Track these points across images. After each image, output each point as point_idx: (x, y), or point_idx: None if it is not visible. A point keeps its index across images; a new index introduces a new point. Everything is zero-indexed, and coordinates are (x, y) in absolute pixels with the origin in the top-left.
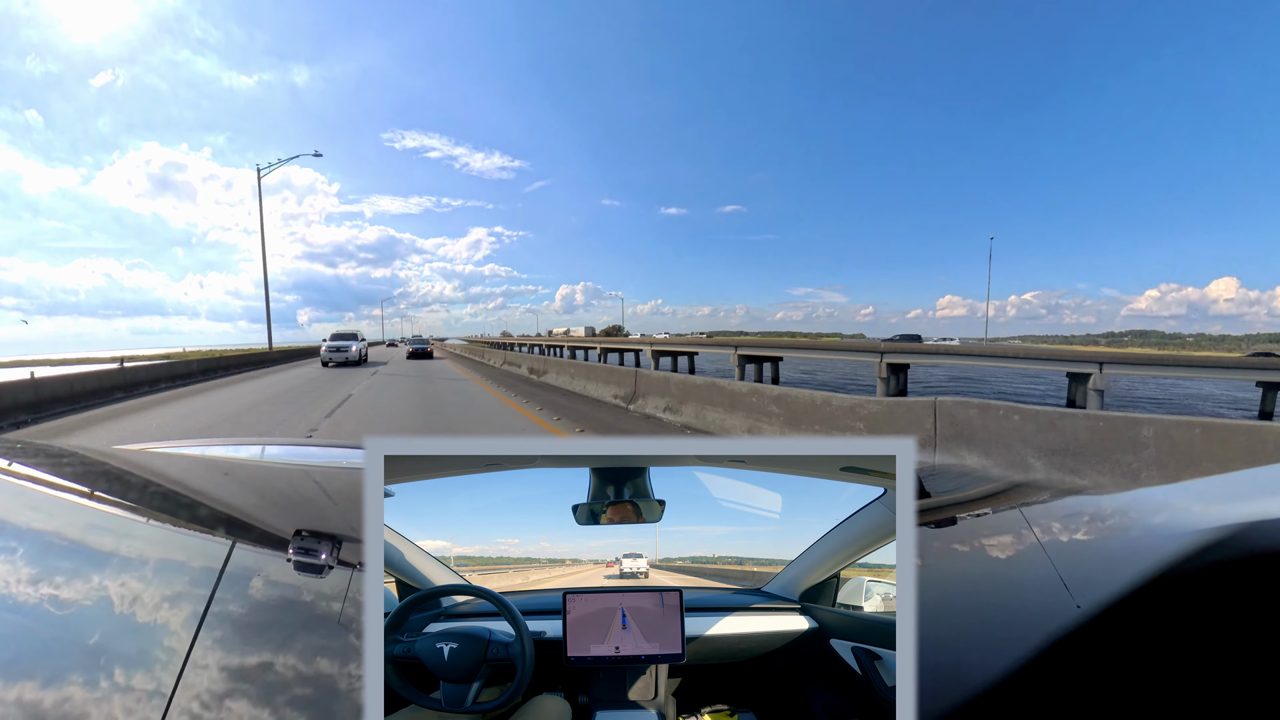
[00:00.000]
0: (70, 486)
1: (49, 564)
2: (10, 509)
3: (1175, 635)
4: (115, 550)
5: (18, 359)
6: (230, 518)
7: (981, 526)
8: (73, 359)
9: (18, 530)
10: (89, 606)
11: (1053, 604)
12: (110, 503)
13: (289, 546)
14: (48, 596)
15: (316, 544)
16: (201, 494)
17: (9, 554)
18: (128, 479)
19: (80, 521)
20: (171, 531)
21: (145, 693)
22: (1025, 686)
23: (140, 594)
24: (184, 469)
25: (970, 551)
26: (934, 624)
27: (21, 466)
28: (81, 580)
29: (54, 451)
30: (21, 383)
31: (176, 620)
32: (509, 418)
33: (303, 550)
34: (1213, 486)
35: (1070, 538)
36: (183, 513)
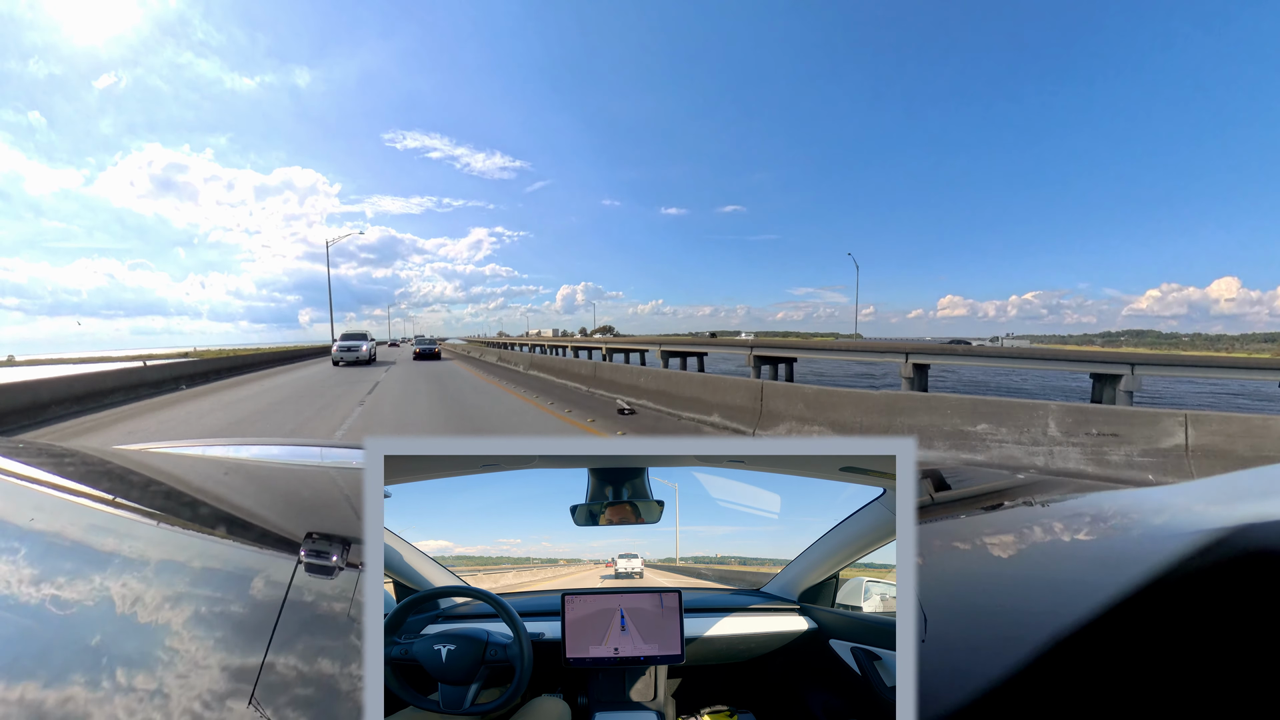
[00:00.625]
0: (71, 487)
1: (51, 564)
2: (11, 509)
3: (1176, 635)
4: (116, 551)
5: (64, 356)
6: (230, 518)
7: (981, 526)
8: (92, 358)
9: (19, 531)
10: (90, 607)
11: (1053, 604)
12: (111, 503)
13: (288, 547)
14: (49, 597)
15: (316, 545)
16: (202, 495)
17: (10, 554)
18: (129, 479)
19: (81, 522)
20: (172, 532)
21: (147, 692)
22: (1026, 687)
23: (141, 594)
24: (184, 469)
25: (970, 551)
26: (934, 624)
27: (22, 467)
28: (83, 580)
29: (56, 451)
30: (64, 379)
31: (178, 621)
32: (495, 394)
33: (302, 551)
34: (1213, 486)
35: (1071, 538)
36: (183, 513)
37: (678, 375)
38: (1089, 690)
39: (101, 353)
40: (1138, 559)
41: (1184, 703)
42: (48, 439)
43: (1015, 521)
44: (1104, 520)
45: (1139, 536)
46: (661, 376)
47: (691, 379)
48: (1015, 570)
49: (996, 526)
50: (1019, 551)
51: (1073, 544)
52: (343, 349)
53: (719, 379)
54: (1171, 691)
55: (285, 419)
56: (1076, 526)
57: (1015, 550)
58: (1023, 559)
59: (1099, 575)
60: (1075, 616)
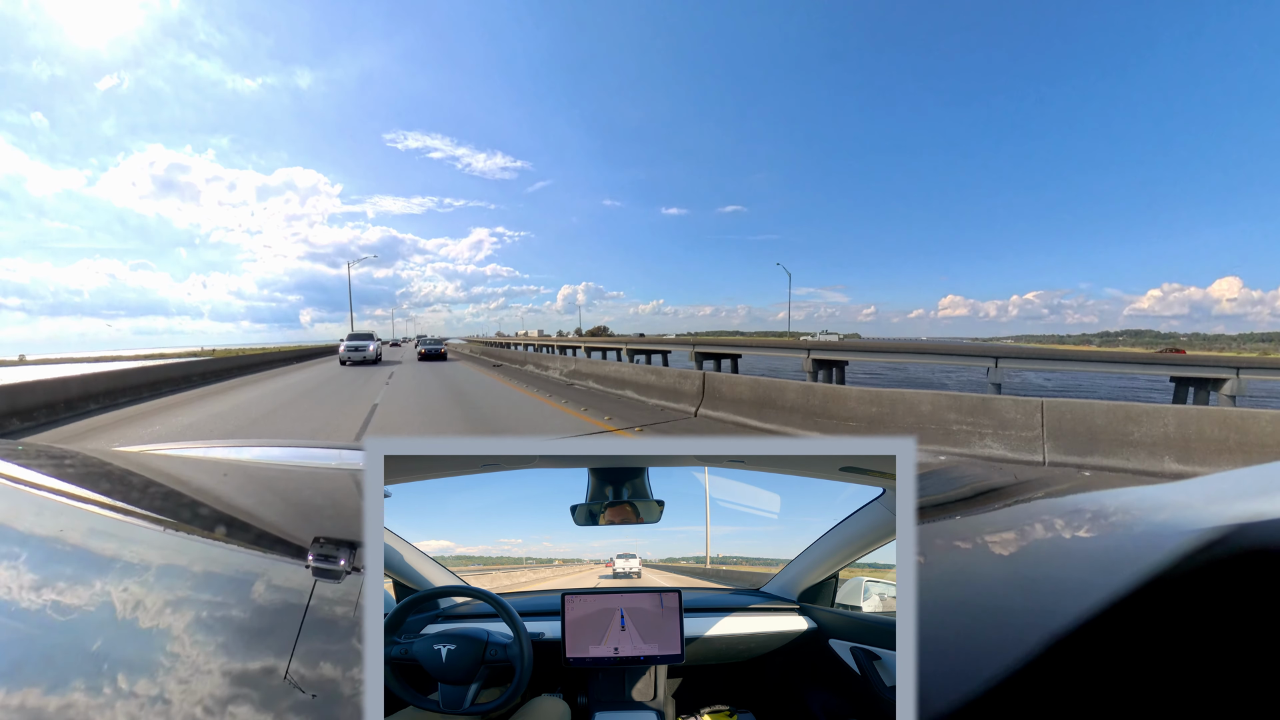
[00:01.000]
0: (71, 491)
1: (51, 569)
2: (11, 513)
3: (1175, 634)
4: (118, 555)
5: (78, 356)
6: (229, 520)
7: (981, 525)
8: (106, 357)
9: (19, 535)
10: (91, 612)
11: (1053, 603)
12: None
13: (290, 550)
14: (50, 602)
15: (316, 546)
16: (202, 496)
17: (11, 559)
18: (129, 480)
19: (81, 526)
20: (173, 536)
21: (149, 698)
22: (1026, 686)
23: (143, 599)
24: (183, 471)
25: (970, 550)
26: (933, 623)
27: (22, 470)
28: (83, 585)
29: (55, 454)
30: (92, 375)
31: (179, 625)
32: (490, 382)
33: (301, 552)
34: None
35: (1070, 536)
36: (182, 514)
37: (626, 368)
38: (1088, 689)
39: (112, 352)
40: (1137, 557)
41: (1183, 702)
42: (89, 433)
43: (1014, 520)
44: (1104, 518)
45: (1139, 535)
46: (624, 369)
47: (636, 369)
48: (1014, 569)
49: (996, 526)
50: (1018, 550)
51: (1072, 542)
52: (350, 349)
53: (659, 369)
54: (1171, 690)
55: (328, 396)
56: (1076, 525)
57: (1014, 549)
58: (1022, 558)
59: (1098, 574)
60: (1074, 615)
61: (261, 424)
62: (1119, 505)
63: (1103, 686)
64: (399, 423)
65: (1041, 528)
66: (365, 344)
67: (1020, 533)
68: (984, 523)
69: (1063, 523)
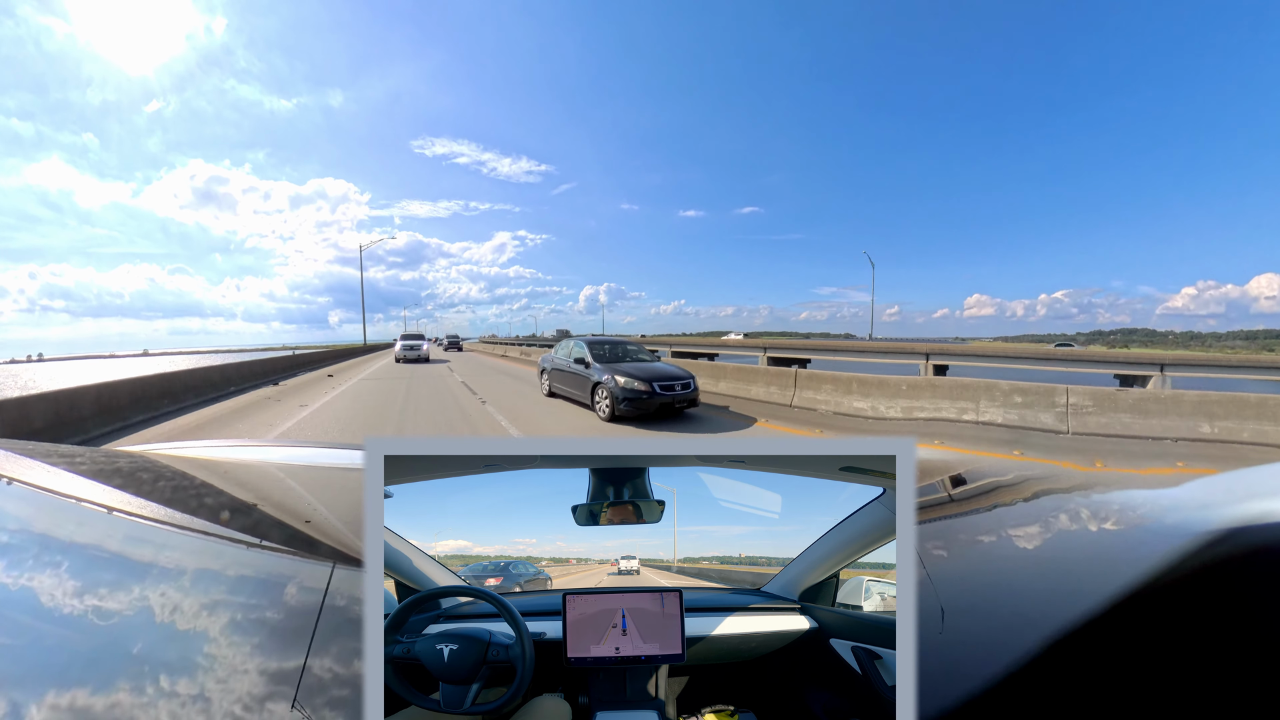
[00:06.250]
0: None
1: (92, 576)
2: (51, 523)
3: (1175, 635)
4: (154, 561)
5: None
6: (229, 520)
7: (981, 525)
8: (182, 351)
9: (61, 544)
10: (130, 616)
11: (1053, 603)
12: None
13: (288, 548)
14: (91, 608)
15: (316, 546)
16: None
17: (55, 568)
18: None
19: (117, 532)
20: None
21: (189, 697)
22: (1026, 685)
23: (179, 603)
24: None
25: (970, 550)
26: (934, 623)
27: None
28: (123, 591)
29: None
30: (252, 363)
31: (215, 627)
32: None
33: (302, 552)
34: (1212, 486)
35: (1072, 536)
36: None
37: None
38: (1089, 689)
39: (156, 350)
40: (1139, 558)
41: (1184, 702)
42: (231, 417)
43: (1015, 520)
44: (1105, 519)
45: (1140, 535)
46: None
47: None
48: (1015, 569)
49: (996, 525)
50: (1019, 550)
51: (1073, 543)
52: (405, 347)
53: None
54: (1171, 690)
55: (416, 367)
56: (1077, 525)
57: (1015, 549)
58: (1023, 558)
59: (1099, 574)
60: (1075, 615)
61: (409, 378)
62: (1119, 506)
63: (1103, 686)
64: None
65: (1041, 528)
66: (419, 344)
67: (1020, 533)
68: (984, 523)
69: (1064, 523)
